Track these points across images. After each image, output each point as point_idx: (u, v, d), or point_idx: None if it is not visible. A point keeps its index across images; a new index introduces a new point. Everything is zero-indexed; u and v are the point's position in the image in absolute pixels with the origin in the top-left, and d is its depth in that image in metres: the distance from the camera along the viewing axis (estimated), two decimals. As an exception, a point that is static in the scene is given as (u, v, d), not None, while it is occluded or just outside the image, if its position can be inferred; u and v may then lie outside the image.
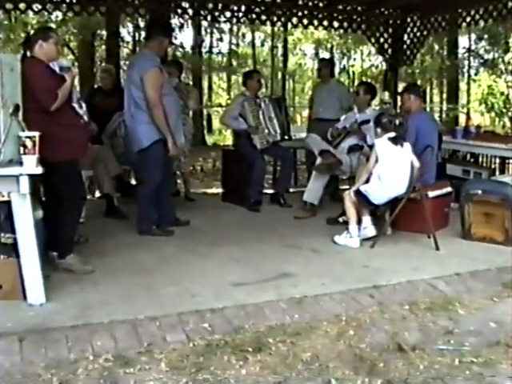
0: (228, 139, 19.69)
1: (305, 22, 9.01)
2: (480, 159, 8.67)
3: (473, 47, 26.30)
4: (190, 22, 16.90)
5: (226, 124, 8.33)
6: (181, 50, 21.10)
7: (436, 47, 25.14)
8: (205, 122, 24.21)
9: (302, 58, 33.35)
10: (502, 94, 20.90)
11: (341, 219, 6.33)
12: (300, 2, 8.78)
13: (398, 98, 6.70)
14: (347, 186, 6.94)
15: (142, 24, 17.44)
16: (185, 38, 38.82)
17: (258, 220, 6.87)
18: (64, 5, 7.83)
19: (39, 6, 7.76)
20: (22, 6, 7.65)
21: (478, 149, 8.04)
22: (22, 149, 3.91)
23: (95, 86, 7.91)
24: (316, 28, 9.51)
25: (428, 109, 25.75)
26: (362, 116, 7.18)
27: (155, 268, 4.98)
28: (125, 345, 3.55)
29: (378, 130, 5.89)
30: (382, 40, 9.58)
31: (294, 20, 9.00)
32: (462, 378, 3.23)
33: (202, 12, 8.44)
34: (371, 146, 6.18)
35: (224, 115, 8.07)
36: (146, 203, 5.98)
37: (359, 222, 5.78)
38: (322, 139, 7.19)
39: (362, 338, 3.71)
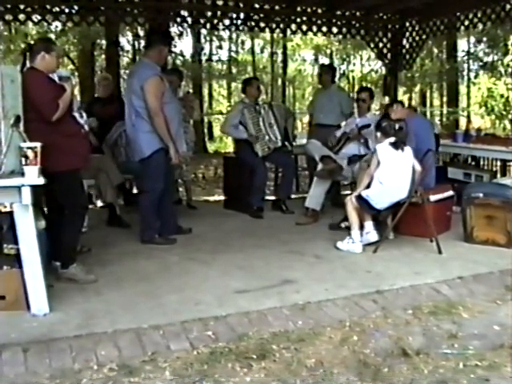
0: (229, 146, 19.69)
1: (304, 28, 9.03)
2: (481, 162, 8.67)
3: (472, 50, 26.32)
4: (189, 30, 16.90)
5: (227, 133, 8.38)
6: (180, 58, 21.11)
7: (435, 51, 25.13)
8: (206, 130, 24.20)
9: (301, 64, 33.30)
10: (501, 96, 20.88)
11: (343, 225, 6.34)
12: (299, 9, 8.79)
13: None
14: (348, 192, 6.94)
15: (141, 33, 17.45)
16: (184, 46, 38.85)
17: (260, 227, 6.87)
18: (63, 15, 7.85)
19: (39, 17, 7.78)
20: (21, 16, 7.67)
21: (479, 152, 8.05)
22: (23, 159, 3.92)
23: (95, 95, 7.87)
24: (315, 34, 9.52)
25: (428, 112, 25.80)
26: (362, 120, 7.21)
27: (158, 276, 4.99)
28: (129, 354, 3.55)
29: (379, 134, 5.91)
30: (381, 45, 9.60)
31: (293, 26, 9.01)
32: (466, 382, 3.23)
33: (201, 20, 8.45)
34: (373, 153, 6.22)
35: (224, 124, 8.07)
36: (148, 212, 5.99)
37: (361, 227, 5.79)
38: (322, 145, 7.20)
39: (365, 344, 3.71)
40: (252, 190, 7.37)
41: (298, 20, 8.93)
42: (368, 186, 5.77)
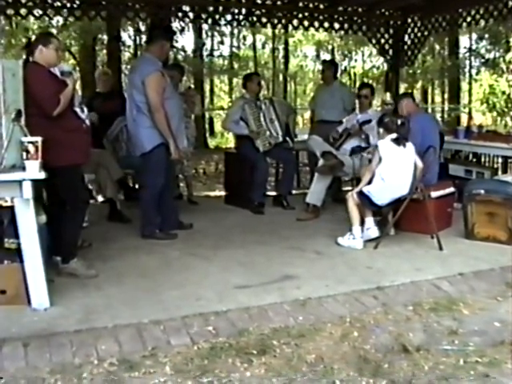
0: (230, 142, 19.68)
1: (305, 23, 9.01)
2: (482, 159, 8.66)
3: (474, 47, 26.26)
4: (190, 25, 16.89)
5: (228, 129, 8.39)
6: (182, 53, 21.09)
7: (437, 47, 25.13)
8: (207, 125, 24.20)
9: (303, 59, 33.29)
10: (503, 93, 20.84)
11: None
12: (300, 4, 8.77)
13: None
14: (350, 188, 6.94)
15: (143, 28, 17.43)
16: (186, 41, 38.73)
17: (261, 222, 6.87)
18: (65, 10, 7.83)
19: (40, 12, 7.76)
20: (23, 11, 7.65)
21: (481, 148, 8.04)
22: (24, 154, 3.92)
23: (96, 90, 7.89)
24: (317, 30, 9.51)
25: (430, 109, 25.80)
26: (363, 116, 7.20)
27: (159, 272, 4.99)
28: (129, 349, 3.55)
29: (381, 130, 5.90)
30: (382, 41, 9.58)
31: (295, 22, 8.99)
32: (466, 378, 3.23)
33: (202, 15, 8.43)
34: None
35: (225, 120, 8.08)
36: (148, 207, 5.99)
37: (362, 223, 5.79)
38: (324, 141, 7.19)
39: (366, 340, 3.71)
40: (253, 186, 7.36)
41: (300, 15, 8.91)
42: (369, 182, 5.77)
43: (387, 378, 3.23)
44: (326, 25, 9.16)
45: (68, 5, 7.77)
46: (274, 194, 8.12)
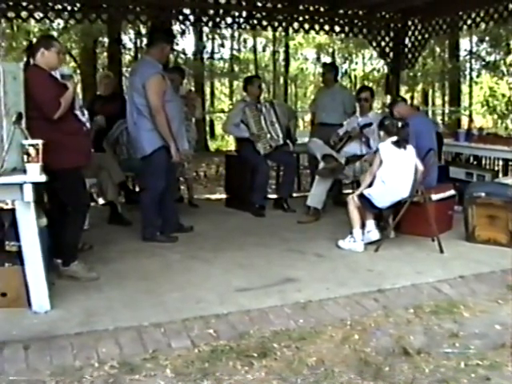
0: (231, 145, 19.68)
1: (306, 26, 9.00)
2: (483, 162, 8.67)
3: (474, 49, 26.28)
4: (191, 28, 16.88)
5: (229, 132, 8.40)
6: (183, 56, 21.10)
7: (437, 50, 25.12)
8: (208, 128, 24.21)
9: (303, 62, 33.28)
10: (503, 95, 20.87)
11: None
12: (301, 7, 8.76)
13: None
14: (350, 190, 6.94)
15: (143, 31, 17.45)
16: (186, 44, 38.76)
17: (262, 225, 6.87)
18: (66, 12, 7.81)
19: (41, 14, 7.75)
20: (23, 14, 7.65)
21: (481, 151, 8.05)
22: (25, 157, 3.92)
23: (97, 93, 7.90)
24: (317, 33, 9.49)
25: (430, 112, 25.77)
26: (364, 119, 7.20)
27: (159, 274, 4.99)
28: (130, 351, 3.55)
29: (382, 133, 5.91)
30: (383, 44, 9.57)
31: (296, 25, 8.98)
32: (467, 381, 3.23)
33: (203, 18, 8.42)
34: (375, 152, 6.21)
35: (226, 123, 8.09)
36: (149, 210, 6.00)
37: (363, 225, 5.78)
38: (324, 143, 7.19)
39: (367, 342, 3.71)
40: (254, 189, 7.36)
41: (301, 18, 8.90)
42: (370, 185, 5.77)
43: (388, 381, 3.23)
44: (327, 28, 9.15)
45: (69, 7, 7.75)
46: (274, 196, 8.13)
